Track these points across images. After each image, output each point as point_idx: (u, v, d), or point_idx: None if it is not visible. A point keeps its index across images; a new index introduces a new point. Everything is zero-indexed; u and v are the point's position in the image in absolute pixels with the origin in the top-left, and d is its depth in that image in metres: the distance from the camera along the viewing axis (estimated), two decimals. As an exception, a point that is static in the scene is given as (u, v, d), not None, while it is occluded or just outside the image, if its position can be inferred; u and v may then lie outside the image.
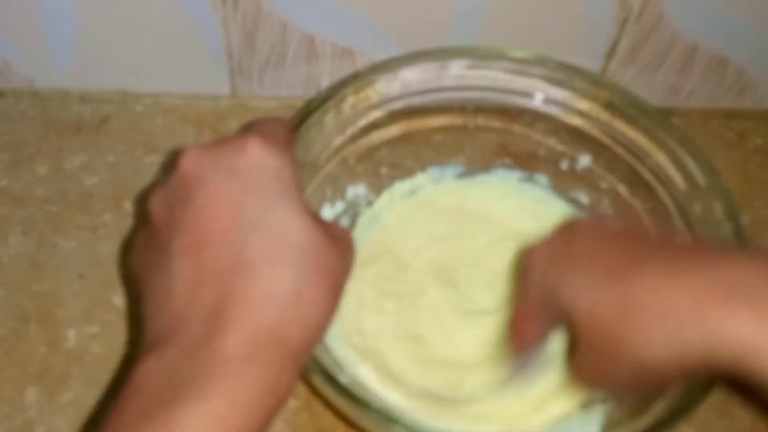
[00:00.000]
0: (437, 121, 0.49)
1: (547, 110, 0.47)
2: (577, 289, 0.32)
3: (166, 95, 0.56)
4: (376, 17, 0.50)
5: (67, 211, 0.50)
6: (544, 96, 0.47)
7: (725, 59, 0.55)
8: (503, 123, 0.49)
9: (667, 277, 0.29)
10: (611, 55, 0.54)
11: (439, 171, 0.50)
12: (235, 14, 0.49)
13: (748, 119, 0.59)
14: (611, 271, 0.31)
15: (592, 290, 0.31)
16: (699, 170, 0.43)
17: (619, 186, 0.48)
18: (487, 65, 0.46)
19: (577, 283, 0.32)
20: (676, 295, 0.29)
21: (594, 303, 0.31)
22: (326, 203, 0.47)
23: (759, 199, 0.55)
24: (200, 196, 0.29)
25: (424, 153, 0.50)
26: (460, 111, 0.48)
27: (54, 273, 0.48)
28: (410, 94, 0.47)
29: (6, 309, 0.46)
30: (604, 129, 0.47)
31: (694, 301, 0.28)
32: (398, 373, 0.42)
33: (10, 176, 0.51)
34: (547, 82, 0.47)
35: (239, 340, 0.27)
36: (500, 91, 0.47)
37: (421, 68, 0.46)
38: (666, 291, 0.29)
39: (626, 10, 0.50)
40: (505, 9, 0.50)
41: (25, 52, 0.53)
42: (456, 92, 0.47)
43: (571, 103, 0.47)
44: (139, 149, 0.53)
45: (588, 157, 0.49)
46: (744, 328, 0.27)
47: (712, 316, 0.27)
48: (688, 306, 0.28)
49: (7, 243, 0.49)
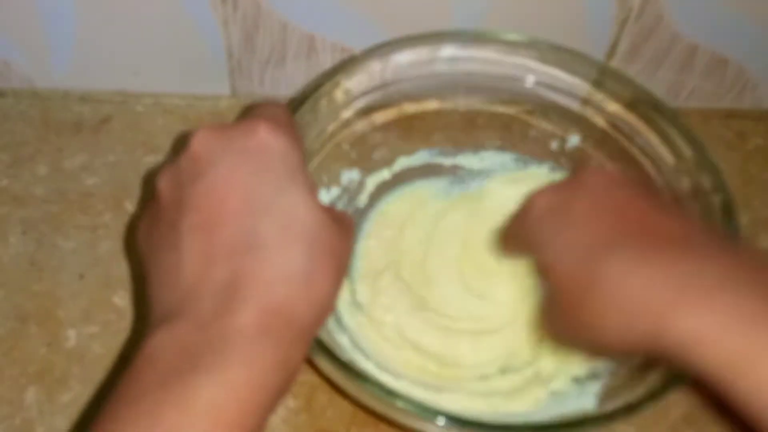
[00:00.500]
0: (429, 105, 0.49)
1: (538, 92, 0.48)
2: (559, 251, 0.34)
3: (167, 95, 0.56)
4: (376, 17, 0.50)
5: (67, 211, 0.50)
6: (534, 78, 0.47)
7: (725, 59, 0.55)
8: (494, 105, 0.49)
9: (635, 265, 0.30)
10: (611, 55, 0.54)
11: (428, 153, 0.50)
12: (235, 14, 0.49)
13: (748, 119, 0.59)
14: (593, 244, 0.32)
15: (571, 259, 0.33)
16: (687, 145, 0.43)
17: (608, 164, 0.48)
18: (478, 48, 0.47)
19: (561, 245, 0.34)
20: (637, 283, 0.30)
21: (568, 271, 0.33)
22: (322, 188, 0.47)
23: (758, 199, 0.55)
24: (211, 177, 0.30)
25: (415, 136, 0.50)
26: (452, 94, 0.49)
27: (54, 273, 0.48)
28: (402, 79, 0.47)
29: (6, 309, 0.46)
30: (595, 109, 0.47)
31: (650, 291, 0.29)
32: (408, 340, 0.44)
33: (9, 176, 0.51)
34: (537, 62, 0.47)
35: (252, 316, 0.27)
36: (490, 75, 0.47)
37: (412, 52, 0.46)
38: (629, 278, 0.30)
39: (626, 10, 0.50)
40: (504, 9, 0.50)
41: (25, 52, 0.53)
42: (447, 76, 0.47)
43: (562, 84, 0.47)
44: (139, 149, 0.53)
45: (577, 137, 0.49)
46: (688, 320, 0.28)
47: (661, 308, 0.28)
48: (643, 296, 0.29)
49: (7, 243, 0.49)
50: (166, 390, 0.26)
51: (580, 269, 0.32)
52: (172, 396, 0.25)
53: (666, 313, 0.28)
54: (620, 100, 0.46)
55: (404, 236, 0.48)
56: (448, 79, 0.48)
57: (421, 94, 0.48)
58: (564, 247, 0.33)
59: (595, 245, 0.32)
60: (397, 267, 0.47)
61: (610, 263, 0.31)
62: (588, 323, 0.31)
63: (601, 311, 0.31)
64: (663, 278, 0.29)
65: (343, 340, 0.42)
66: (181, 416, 0.25)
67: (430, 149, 0.51)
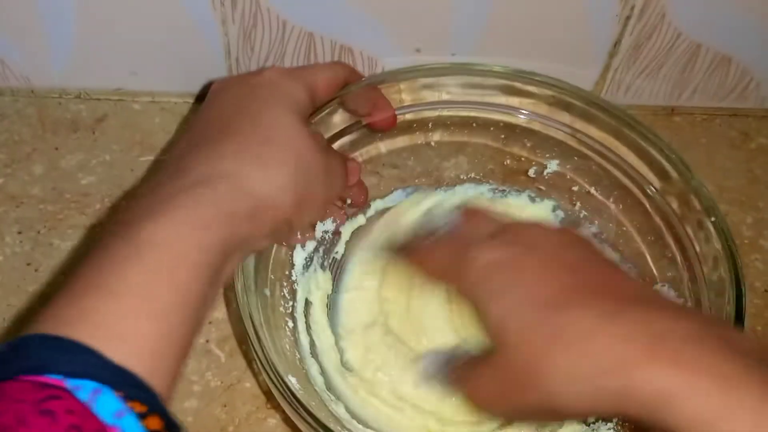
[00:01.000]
0: (400, 142, 0.49)
1: (508, 119, 0.47)
2: (511, 307, 0.32)
3: (163, 94, 0.55)
4: (375, 15, 0.50)
5: (64, 211, 0.50)
6: (503, 105, 0.46)
7: (728, 58, 0.54)
8: (465, 137, 0.49)
9: (602, 322, 0.29)
10: (613, 54, 0.53)
11: (403, 193, 0.49)
12: (234, 12, 0.49)
13: (752, 118, 0.59)
14: (550, 301, 0.31)
15: (528, 314, 0.31)
16: (670, 166, 0.43)
17: (590, 188, 0.47)
18: (451, 77, 0.46)
19: (513, 301, 0.32)
20: (605, 341, 0.29)
21: (526, 327, 0.31)
22: (297, 247, 0.45)
23: (763, 199, 0.55)
24: (216, 100, 0.39)
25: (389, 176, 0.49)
26: (420, 129, 0.48)
27: (50, 273, 0.47)
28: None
29: (1, 310, 0.46)
30: (569, 132, 0.46)
31: (618, 350, 0.28)
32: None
33: (6, 175, 0.51)
34: (503, 92, 0.46)
35: (196, 175, 0.34)
36: (459, 104, 0.47)
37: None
38: (598, 337, 0.29)
39: (628, 9, 0.50)
40: (506, 7, 0.50)
41: (23, 51, 0.52)
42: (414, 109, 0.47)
43: (534, 109, 0.46)
44: (135, 148, 0.53)
45: (555, 162, 0.48)
46: (659, 378, 0.27)
47: (631, 367, 0.28)
48: (611, 355, 0.28)
49: (3, 242, 0.48)
50: (124, 228, 0.31)
51: (540, 325, 0.31)
52: (126, 233, 0.31)
53: (636, 369, 0.28)
54: (594, 121, 0.45)
55: (387, 284, 0.45)
56: (415, 111, 0.47)
57: (392, 132, 0.47)
58: (517, 303, 0.32)
59: (553, 302, 0.31)
60: (385, 318, 0.45)
61: (576, 320, 0.30)
62: (548, 380, 0.30)
63: (567, 367, 0.29)
64: (631, 336, 0.29)
65: (340, 411, 0.41)
66: (129, 248, 0.30)
67: (404, 188, 0.49)
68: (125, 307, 0.29)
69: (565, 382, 0.29)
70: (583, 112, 0.45)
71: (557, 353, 0.29)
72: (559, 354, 0.29)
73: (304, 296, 0.45)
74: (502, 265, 0.33)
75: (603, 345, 0.29)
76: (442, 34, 0.51)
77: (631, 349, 0.28)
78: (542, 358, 0.30)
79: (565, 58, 0.53)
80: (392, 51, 0.52)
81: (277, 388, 0.36)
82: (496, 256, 0.33)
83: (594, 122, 0.45)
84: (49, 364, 0.26)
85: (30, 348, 0.27)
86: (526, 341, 0.31)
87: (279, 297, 0.43)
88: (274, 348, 0.38)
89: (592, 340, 0.29)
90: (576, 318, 0.30)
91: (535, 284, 0.32)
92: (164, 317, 0.30)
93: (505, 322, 0.32)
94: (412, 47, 0.52)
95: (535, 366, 0.30)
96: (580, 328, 0.29)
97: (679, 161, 0.43)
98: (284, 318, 0.43)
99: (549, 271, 0.32)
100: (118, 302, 0.29)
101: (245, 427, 0.43)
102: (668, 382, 0.27)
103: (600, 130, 0.45)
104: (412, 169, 0.49)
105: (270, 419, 0.43)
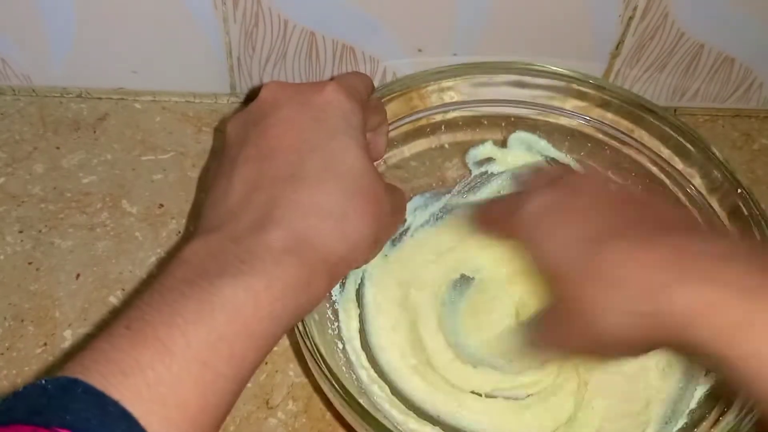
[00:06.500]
0: (416, 147, 0.49)
1: (526, 107, 0.48)
2: (559, 247, 0.33)
3: (165, 93, 0.55)
4: (377, 14, 0.50)
5: (65, 210, 0.50)
6: (521, 93, 0.47)
7: (731, 58, 0.54)
8: (474, 135, 0.49)
9: (635, 251, 0.31)
10: (616, 54, 0.53)
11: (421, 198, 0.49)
12: (236, 11, 0.49)
13: (754, 119, 0.58)
14: (593, 238, 0.32)
15: (572, 253, 0.33)
16: (690, 144, 0.44)
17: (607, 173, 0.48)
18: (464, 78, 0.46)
19: (560, 242, 0.33)
20: (638, 268, 0.30)
21: (570, 266, 0.32)
22: None
23: (765, 200, 0.54)
24: (272, 118, 0.33)
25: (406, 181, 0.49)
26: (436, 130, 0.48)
27: (51, 272, 0.47)
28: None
29: (2, 308, 0.46)
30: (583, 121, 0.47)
31: (651, 274, 0.29)
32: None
33: (6, 174, 0.51)
34: (514, 86, 0.47)
35: (282, 236, 0.30)
36: (469, 104, 0.47)
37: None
38: (630, 264, 0.30)
39: (631, 9, 0.50)
40: (508, 7, 0.50)
41: (24, 50, 0.52)
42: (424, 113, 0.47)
43: (551, 102, 0.47)
44: (137, 148, 0.53)
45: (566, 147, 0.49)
46: (688, 295, 0.28)
47: (661, 287, 0.29)
48: (644, 279, 0.30)
49: (4, 242, 0.48)
50: (191, 286, 0.28)
51: (581, 262, 0.32)
52: (196, 291, 0.28)
53: (665, 291, 0.29)
54: (613, 108, 0.46)
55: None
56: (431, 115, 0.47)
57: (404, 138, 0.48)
58: (563, 243, 0.33)
59: (595, 238, 0.32)
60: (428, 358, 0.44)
61: (610, 251, 0.31)
62: (590, 314, 0.31)
63: (603, 298, 0.31)
64: (662, 260, 0.30)
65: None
66: (200, 308, 0.27)
67: (421, 194, 0.49)
68: (177, 370, 0.27)
69: (602, 314, 0.31)
70: (600, 98, 0.46)
71: (594, 287, 0.31)
72: (595, 287, 0.31)
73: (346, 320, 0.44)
74: (552, 207, 0.35)
75: (633, 273, 0.30)
76: (444, 34, 0.51)
77: (661, 274, 0.29)
78: (583, 291, 0.31)
79: (568, 58, 0.53)
80: (394, 51, 0.52)
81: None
82: (547, 200, 0.35)
83: (608, 107, 0.46)
84: (85, 428, 0.25)
85: (74, 397, 0.26)
86: (571, 278, 0.32)
87: (326, 319, 0.42)
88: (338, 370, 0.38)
89: (623, 268, 0.30)
90: (613, 249, 0.31)
91: (582, 223, 0.33)
92: (212, 389, 0.27)
93: (555, 260, 0.33)
94: (413, 47, 0.52)
95: (580, 302, 0.32)
96: (615, 258, 0.31)
97: (697, 139, 0.43)
98: (334, 341, 0.42)
99: (595, 210, 0.34)
100: (172, 363, 0.26)
101: (246, 427, 0.43)
102: (694, 299, 0.28)
103: (616, 115, 0.46)
104: (415, 170, 0.49)
105: (271, 419, 0.43)
